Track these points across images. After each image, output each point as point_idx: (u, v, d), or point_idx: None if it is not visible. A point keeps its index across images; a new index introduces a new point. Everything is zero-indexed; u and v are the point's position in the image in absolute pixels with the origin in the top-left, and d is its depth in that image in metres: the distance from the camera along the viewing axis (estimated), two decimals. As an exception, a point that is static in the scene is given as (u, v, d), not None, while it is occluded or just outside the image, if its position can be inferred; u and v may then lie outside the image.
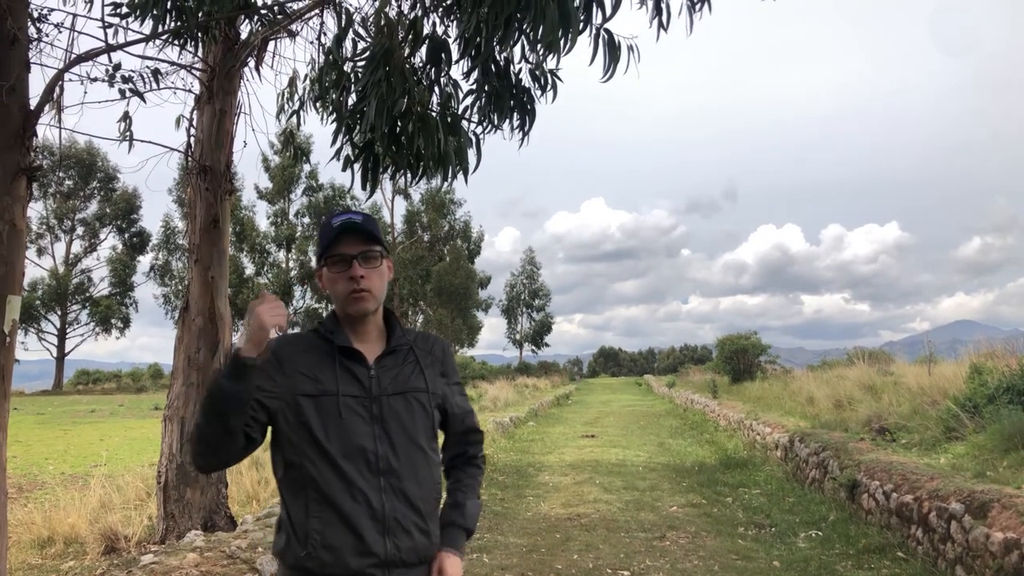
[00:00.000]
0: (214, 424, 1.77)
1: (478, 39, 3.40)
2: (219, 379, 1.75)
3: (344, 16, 3.79)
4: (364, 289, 1.91)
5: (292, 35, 6.32)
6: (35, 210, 44.48)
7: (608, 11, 3.35)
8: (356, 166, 3.79)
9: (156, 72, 4.99)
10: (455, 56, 3.63)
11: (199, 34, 4.87)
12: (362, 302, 1.92)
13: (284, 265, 45.91)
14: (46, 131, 4.54)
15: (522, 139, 3.81)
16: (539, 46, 3.33)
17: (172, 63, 5.97)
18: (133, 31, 4.58)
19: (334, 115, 3.80)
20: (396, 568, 1.85)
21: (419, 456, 1.92)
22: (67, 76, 4.26)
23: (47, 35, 4.42)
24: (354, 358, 1.93)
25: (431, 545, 1.92)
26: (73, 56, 4.30)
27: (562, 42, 3.16)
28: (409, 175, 3.88)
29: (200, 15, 4.36)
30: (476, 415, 2.17)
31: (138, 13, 4.13)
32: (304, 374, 1.89)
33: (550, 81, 3.73)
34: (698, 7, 3.83)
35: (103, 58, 4.45)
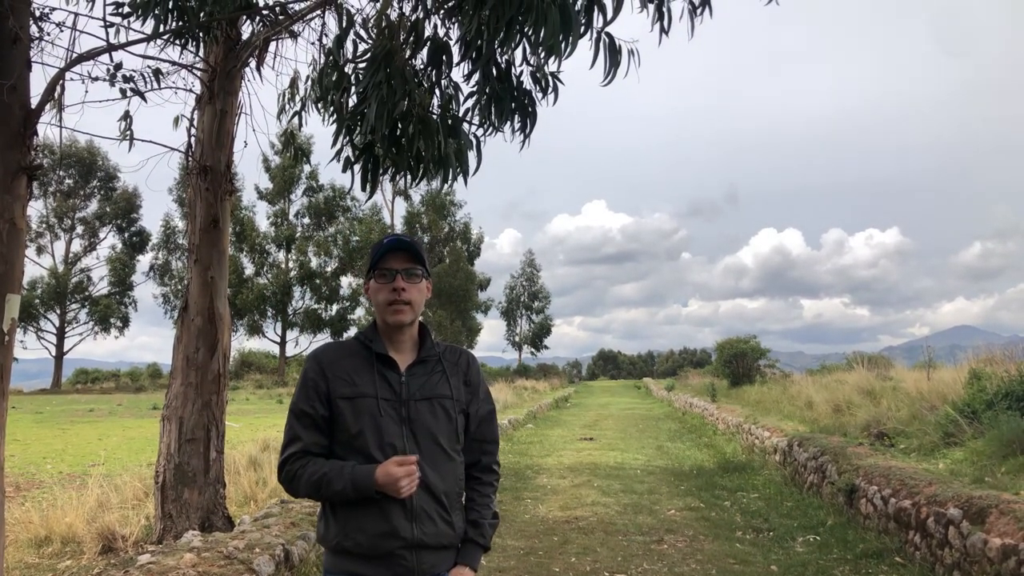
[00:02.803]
0: (324, 499, 2.09)
1: (479, 41, 3.40)
2: (349, 494, 2.00)
3: (345, 17, 3.79)
4: (404, 301, 2.10)
5: (293, 36, 6.33)
6: (35, 209, 44.54)
7: (609, 14, 3.35)
8: (356, 167, 3.79)
9: (157, 72, 4.98)
10: (456, 58, 3.63)
11: (200, 34, 4.87)
12: (400, 313, 2.11)
13: (284, 266, 45.90)
14: (47, 130, 4.54)
15: (523, 141, 3.81)
16: (540, 49, 3.33)
17: (173, 63, 5.97)
18: (134, 31, 4.59)
19: (335, 116, 3.80)
20: (422, 550, 2.05)
21: (442, 455, 2.11)
22: (68, 75, 4.26)
23: (48, 34, 4.42)
24: (388, 364, 2.13)
25: (455, 534, 2.13)
26: (74, 55, 4.30)
27: (563, 45, 3.16)
28: (409, 177, 3.88)
29: (202, 15, 4.37)
30: (497, 425, 2.35)
31: (139, 13, 4.13)
32: (342, 378, 2.09)
33: (551, 84, 3.73)
34: (699, 11, 3.84)
35: (104, 57, 4.44)
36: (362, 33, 3.90)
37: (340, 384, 2.08)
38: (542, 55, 3.46)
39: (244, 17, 5.91)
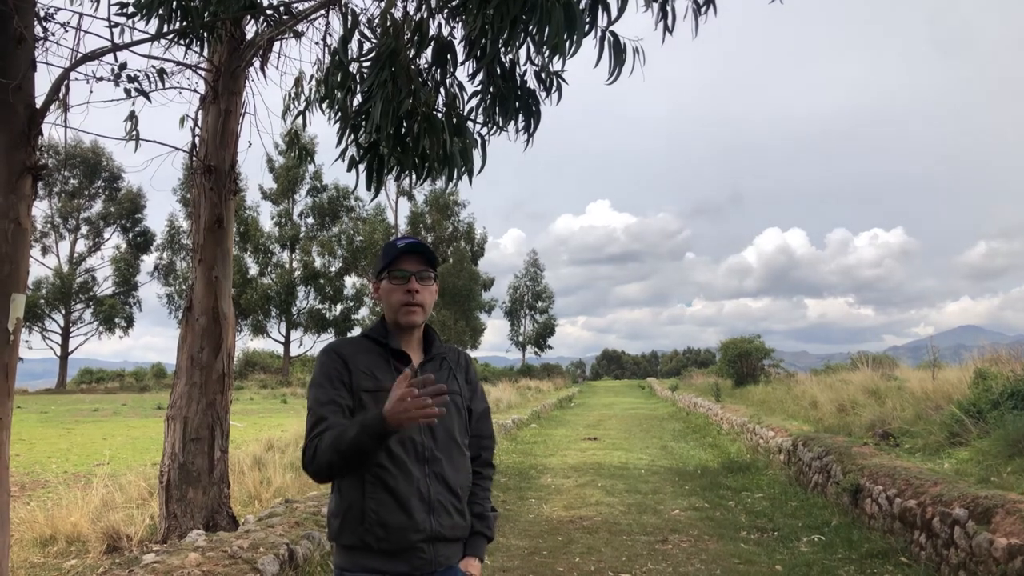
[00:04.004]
0: (348, 466, 2.00)
1: (484, 40, 3.40)
2: (363, 439, 1.91)
3: (350, 17, 3.78)
4: (417, 303, 2.18)
5: (298, 36, 6.32)
6: (40, 209, 44.64)
7: (614, 13, 3.34)
8: (361, 167, 3.78)
9: (161, 72, 4.99)
10: (460, 57, 3.62)
11: (205, 34, 4.87)
12: (412, 315, 2.18)
13: (288, 265, 45.95)
14: (51, 130, 4.55)
15: (527, 141, 3.81)
16: (544, 48, 3.32)
17: (178, 63, 5.98)
18: (139, 31, 4.58)
19: (339, 116, 3.80)
20: (439, 543, 2.11)
21: (456, 449, 2.19)
22: (73, 75, 4.27)
23: (53, 34, 4.43)
24: (403, 360, 2.18)
25: (466, 525, 2.20)
26: (79, 55, 4.31)
27: (567, 44, 3.15)
28: (414, 176, 3.88)
29: (206, 15, 4.37)
30: (492, 421, 2.44)
31: (144, 13, 4.14)
32: (363, 372, 2.14)
33: (555, 83, 3.72)
34: (703, 10, 3.83)
35: (109, 57, 4.44)
36: (366, 32, 3.89)
37: (362, 378, 2.12)
38: (546, 54, 3.46)
39: (248, 17, 5.91)
